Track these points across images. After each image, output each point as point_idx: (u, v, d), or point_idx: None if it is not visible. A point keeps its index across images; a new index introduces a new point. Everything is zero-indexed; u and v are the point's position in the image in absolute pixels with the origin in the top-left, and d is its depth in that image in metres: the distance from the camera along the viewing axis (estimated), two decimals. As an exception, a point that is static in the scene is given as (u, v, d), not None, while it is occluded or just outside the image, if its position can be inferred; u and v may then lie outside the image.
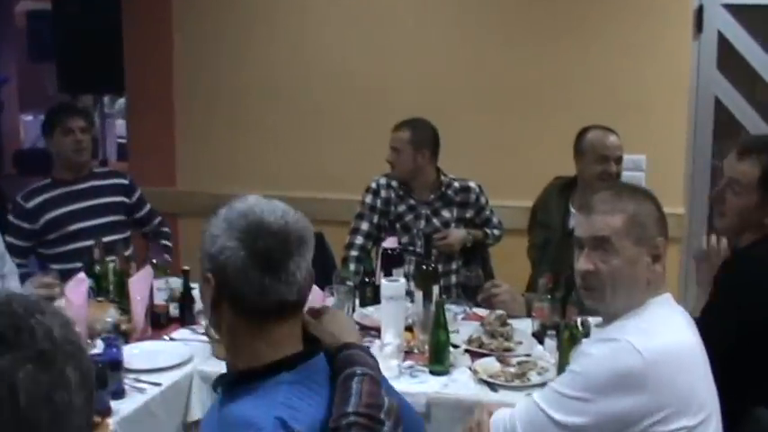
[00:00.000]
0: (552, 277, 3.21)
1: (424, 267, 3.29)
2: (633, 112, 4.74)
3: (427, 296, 3.19)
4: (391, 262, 3.41)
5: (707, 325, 2.21)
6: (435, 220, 4.05)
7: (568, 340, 2.88)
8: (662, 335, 1.99)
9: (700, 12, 4.75)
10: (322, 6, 5.08)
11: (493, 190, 4.47)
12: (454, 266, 4.08)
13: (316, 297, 3.17)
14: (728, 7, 4.74)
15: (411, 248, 4.01)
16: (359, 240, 4.03)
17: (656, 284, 2.10)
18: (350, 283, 3.38)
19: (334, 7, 5.05)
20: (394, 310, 3.05)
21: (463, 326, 3.33)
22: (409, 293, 3.32)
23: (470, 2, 4.91)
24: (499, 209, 4.38)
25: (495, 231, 4.19)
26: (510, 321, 3.25)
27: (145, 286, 3.29)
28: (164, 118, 5.39)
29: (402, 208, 4.07)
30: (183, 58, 5.32)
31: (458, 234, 4.02)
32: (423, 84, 4.94)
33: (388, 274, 3.37)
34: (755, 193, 2.59)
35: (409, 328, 3.16)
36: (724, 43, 4.78)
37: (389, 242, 3.49)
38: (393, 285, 3.05)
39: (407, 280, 3.48)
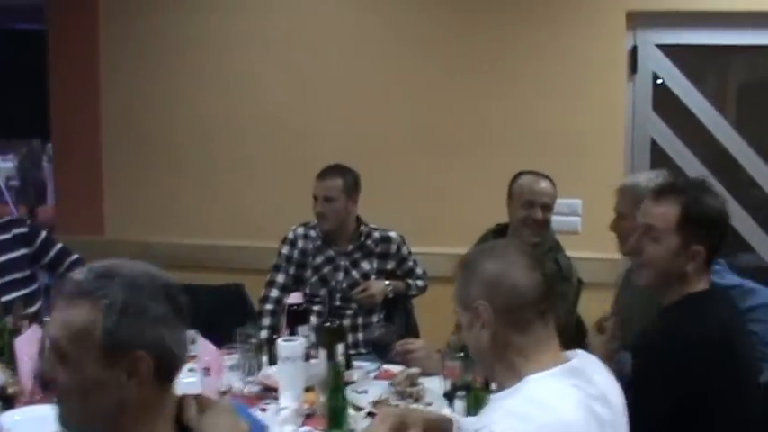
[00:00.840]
0: (463, 333, 3.03)
1: (328, 324, 3.11)
2: (569, 155, 4.62)
3: (331, 355, 3.00)
4: (296, 318, 3.21)
5: (635, 394, 2.04)
6: (354, 272, 3.87)
7: (474, 402, 2.72)
8: (537, 417, 1.77)
9: (634, 52, 4.65)
10: (249, 51, 4.93)
11: (421, 236, 4.35)
12: (375, 319, 3.90)
13: (212, 356, 3.01)
14: (662, 47, 4.65)
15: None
16: (274, 293, 3.84)
17: (522, 355, 1.87)
18: (254, 341, 3.20)
19: (262, 52, 4.91)
20: (291, 371, 2.87)
21: (373, 385, 3.15)
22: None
23: (402, 45, 4.78)
24: (427, 256, 4.24)
25: (419, 282, 4.01)
26: (422, 381, 3.07)
27: (33, 345, 3.08)
28: (91, 164, 5.22)
29: (320, 259, 3.88)
30: (111, 103, 5.17)
31: (378, 285, 3.84)
32: (348, 128, 4.82)
33: (293, 331, 3.18)
34: (674, 236, 2.40)
35: (312, 389, 2.97)
36: (659, 84, 4.68)
37: (294, 297, 3.29)
38: (289, 345, 2.88)
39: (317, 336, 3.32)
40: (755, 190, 4.71)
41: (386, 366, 3.28)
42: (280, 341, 2.92)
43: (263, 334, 3.54)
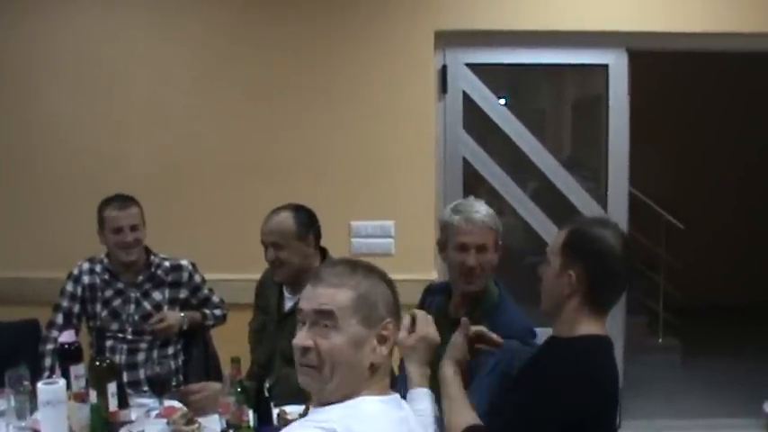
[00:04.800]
0: (239, 369, 2.93)
1: (98, 363, 2.93)
2: (380, 176, 4.61)
3: (102, 396, 2.85)
4: (68, 358, 3.03)
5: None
6: (146, 303, 3.70)
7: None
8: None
9: (444, 72, 4.65)
10: (52, 76, 4.67)
11: (222, 262, 4.33)
12: (171, 351, 3.74)
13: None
14: (472, 66, 4.67)
15: (121, 336, 3.67)
16: (54, 333, 3.62)
17: (379, 370, 1.92)
18: (26, 383, 3.01)
19: (65, 77, 4.66)
20: (53, 416, 2.70)
21: (152, 424, 3.00)
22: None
23: (207, 68, 4.63)
24: (229, 282, 4.17)
25: (216, 311, 3.87)
26: (201, 419, 2.95)
27: None
28: None
29: (109, 293, 3.70)
30: None
31: (175, 315, 3.68)
32: (152, 154, 4.67)
33: (65, 372, 3.00)
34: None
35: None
36: (469, 103, 4.69)
37: (66, 336, 3.09)
38: (50, 389, 2.71)
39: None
40: (561, 199, 4.77)
41: (168, 403, 3.13)
42: (39, 384, 2.75)
43: (45, 375, 3.36)
